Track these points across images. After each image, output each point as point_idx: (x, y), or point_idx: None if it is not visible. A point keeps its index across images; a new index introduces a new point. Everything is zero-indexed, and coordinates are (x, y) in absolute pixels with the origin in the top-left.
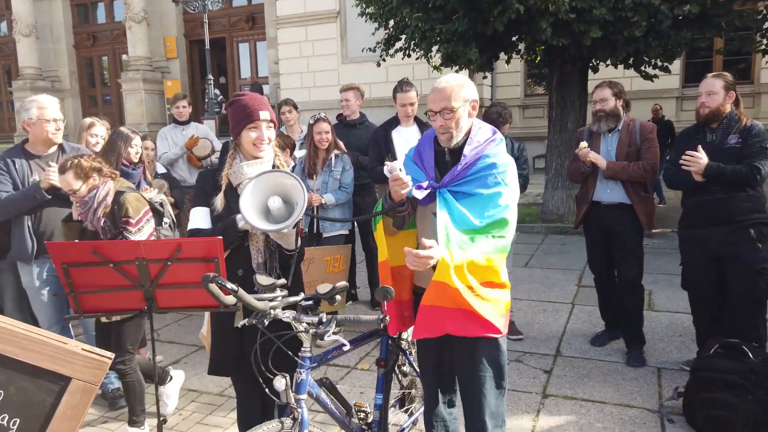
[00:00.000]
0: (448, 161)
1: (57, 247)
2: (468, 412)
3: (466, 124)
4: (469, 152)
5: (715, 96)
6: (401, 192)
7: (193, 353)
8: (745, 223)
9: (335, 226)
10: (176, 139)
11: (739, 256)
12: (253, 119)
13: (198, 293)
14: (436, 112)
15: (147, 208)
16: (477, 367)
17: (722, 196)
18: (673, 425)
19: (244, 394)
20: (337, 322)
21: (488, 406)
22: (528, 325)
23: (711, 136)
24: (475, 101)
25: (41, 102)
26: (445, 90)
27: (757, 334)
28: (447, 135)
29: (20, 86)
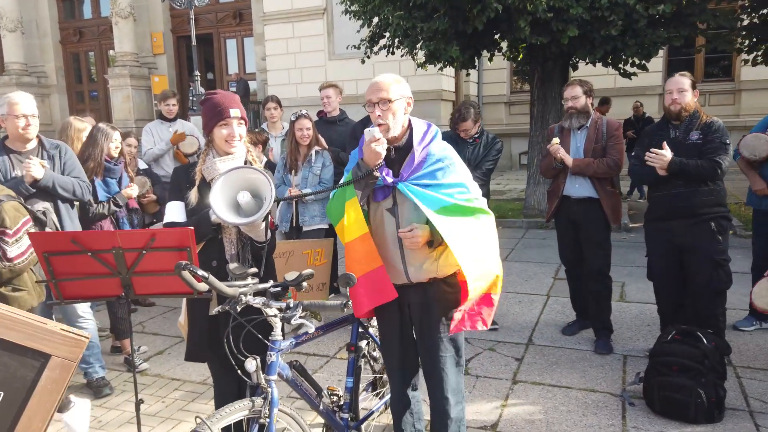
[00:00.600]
0: (393, 158)
1: (38, 237)
2: (432, 391)
3: (401, 119)
4: (419, 148)
5: (685, 93)
6: (378, 150)
7: (176, 344)
8: (706, 216)
9: (315, 219)
10: (162, 135)
11: (700, 247)
12: (223, 116)
13: (173, 280)
14: (374, 103)
15: (26, 218)
16: (438, 348)
17: (684, 190)
18: (633, 408)
19: (221, 379)
20: (304, 307)
21: (449, 383)
22: (503, 315)
23: (674, 133)
24: (410, 98)
25: (12, 98)
26: (383, 83)
27: (716, 323)
28: (384, 126)
29: (6, 82)
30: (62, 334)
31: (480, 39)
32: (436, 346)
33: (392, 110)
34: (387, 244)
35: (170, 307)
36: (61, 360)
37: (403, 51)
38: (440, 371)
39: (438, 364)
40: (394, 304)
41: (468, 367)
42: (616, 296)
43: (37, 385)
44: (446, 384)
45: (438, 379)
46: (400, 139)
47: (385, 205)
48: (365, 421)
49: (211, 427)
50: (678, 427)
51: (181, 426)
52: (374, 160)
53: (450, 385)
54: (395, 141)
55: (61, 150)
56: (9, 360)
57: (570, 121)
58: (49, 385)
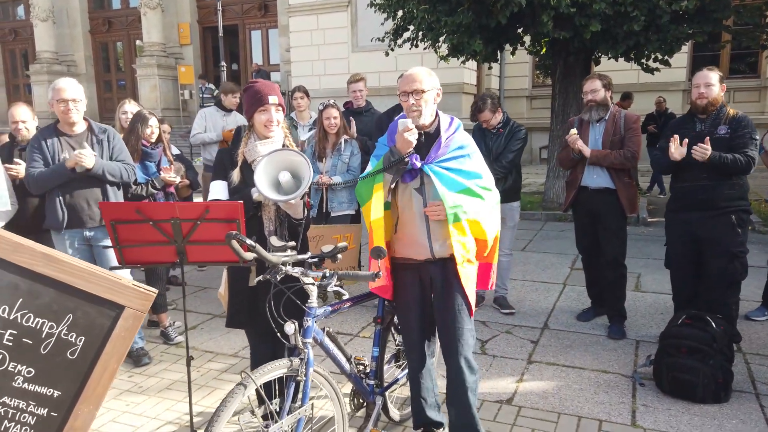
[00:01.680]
0: (422, 143)
1: (107, 207)
2: (449, 361)
3: (432, 108)
4: (445, 135)
5: (712, 87)
6: (410, 139)
7: (207, 321)
8: (728, 209)
9: (342, 206)
10: (216, 123)
11: (719, 239)
12: (263, 103)
13: (221, 249)
14: (408, 93)
15: None
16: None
17: (708, 183)
18: (643, 388)
19: (257, 345)
20: (339, 276)
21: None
22: (520, 301)
23: (700, 126)
24: (439, 90)
25: (57, 84)
26: (417, 75)
27: (728, 312)
28: (417, 113)
29: (37, 70)
30: (134, 288)
31: (503, 33)
32: (454, 318)
33: (425, 99)
34: (414, 220)
35: (200, 287)
36: (134, 311)
37: (426, 44)
38: (457, 342)
39: (456, 336)
40: (415, 279)
41: (485, 348)
42: (632, 286)
43: (112, 333)
44: (463, 355)
45: (456, 351)
46: (429, 126)
47: (413, 185)
48: (389, 389)
49: (255, 381)
50: (685, 406)
51: (215, 393)
52: (406, 147)
53: (467, 355)
54: (425, 128)
55: (109, 134)
56: (89, 309)
57: (590, 114)
58: (122, 332)
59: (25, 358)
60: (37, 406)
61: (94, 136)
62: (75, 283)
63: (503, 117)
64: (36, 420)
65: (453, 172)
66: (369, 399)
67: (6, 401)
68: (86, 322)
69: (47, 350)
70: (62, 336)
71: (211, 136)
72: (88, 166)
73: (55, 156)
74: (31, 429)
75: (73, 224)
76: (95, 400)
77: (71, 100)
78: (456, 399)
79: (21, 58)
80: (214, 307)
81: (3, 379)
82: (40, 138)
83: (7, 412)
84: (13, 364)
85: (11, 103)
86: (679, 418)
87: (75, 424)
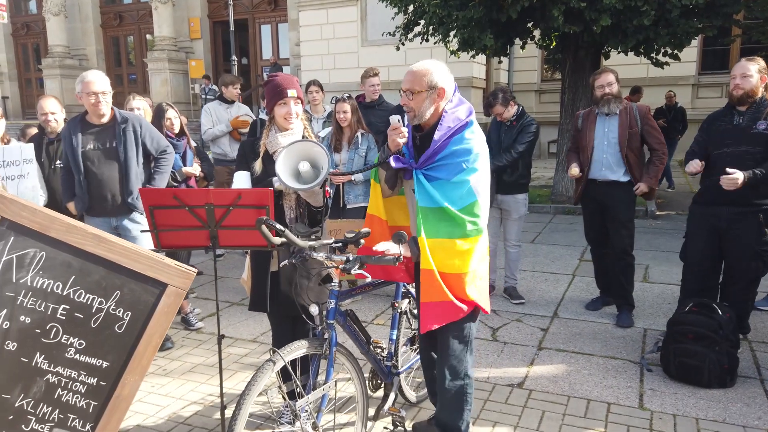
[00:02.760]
0: (418, 145)
1: (147, 193)
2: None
3: (428, 108)
4: (439, 138)
5: (749, 78)
6: (398, 141)
7: (226, 308)
8: (755, 207)
9: (359, 198)
10: (221, 116)
11: (743, 236)
12: (282, 96)
13: (251, 234)
14: (404, 90)
15: None
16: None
17: None
18: (650, 373)
19: (278, 328)
20: (361, 261)
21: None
22: (530, 291)
23: (738, 119)
24: (441, 89)
25: (86, 77)
26: (412, 74)
27: (745, 307)
28: (411, 113)
29: (49, 64)
30: (176, 267)
31: (513, 27)
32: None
33: (418, 99)
34: (412, 219)
35: (219, 276)
36: (176, 289)
37: (436, 38)
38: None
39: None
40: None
41: (496, 335)
42: (640, 277)
43: (156, 308)
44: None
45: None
46: (425, 128)
47: (409, 185)
48: (405, 371)
49: (284, 358)
50: (692, 390)
51: (236, 375)
52: (395, 147)
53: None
54: (423, 128)
55: (134, 123)
56: (135, 286)
57: (608, 107)
58: (165, 308)
59: (77, 331)
60: (87, 375)
61: (119, 127)
62: (122, 262)
63: (517, 110)
64: (87, 389)
65: (438, 183)
66: (387, 380)
67: (60, 371)
68: (132, 299)
69: (97, 324)
70: (110, 311)
71: (220, 128)
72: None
73: (77, 146)
74: (83, 397)
75: (93, 212)
76: (140, 371)
77: (100, 93)
78: (440, 398)
79: (33, 52)
80: (231, 295)
81: (57, 350)
82: (68, 129)
83: (61, 381)
84: (66, 336)
85: (39, 96)
86: (686, 401)
87: (123, 393)
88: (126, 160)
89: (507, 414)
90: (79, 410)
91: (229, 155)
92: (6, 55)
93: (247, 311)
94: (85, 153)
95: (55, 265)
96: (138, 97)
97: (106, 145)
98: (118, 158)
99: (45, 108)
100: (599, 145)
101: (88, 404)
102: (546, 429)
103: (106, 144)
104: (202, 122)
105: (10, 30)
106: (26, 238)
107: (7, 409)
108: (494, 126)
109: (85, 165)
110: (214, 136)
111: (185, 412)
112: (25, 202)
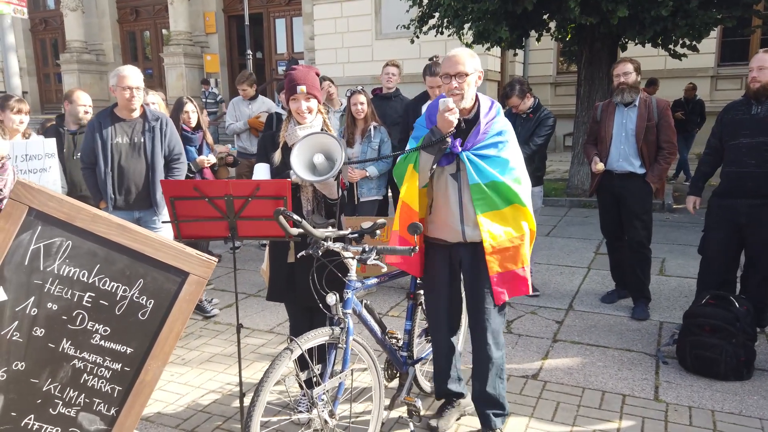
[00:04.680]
0: (462, 129)
1: (168, 184)
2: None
3: (473, 91)
4: (484, 121)
5: (766, 71)
6: (451, 119)
7: (242, 299)
8: None
9: (372, 192)
10: (242, 112)
11: (762, 228)
12: (293, 93)
13: (269, 225)
14: (451, 75)
15: None
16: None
17: (755, 170)
18: (666, 366)
19: (295, 318)
20: (377, 251)
21: (493, 331)
22: (545, 284)
23: (756, 109)
24: (481, 72)
25: (121, 71)
26: (460, 57)
27: (763, 300)
28: (458, 96)
29: (67, 59)
30: (198, 257)
31: (529, 19)
32: (482, 298)
33: (467, 82)
34: (449, 204)
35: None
36: (197, 277)
37: (451, 31)
38: (485, 320)
39: (483, 314)
40: (445, 259)
41: (511, 327)
42: (656, 270)
43: (178, 296)
44: (490, 332)
45: (482, 328)
46: (469, 111)
47: (449, 170)
48: (420, 361)
49: (301, 346)
50: (708, 383)
51: (253, 365)
52: (447, 127)
53: (493, 332)
54: (465, 113)
55: (162, 122)
56: (158, 275)
57: (621, 96)
58: (187, 296)
59: (102, 318)
60: (112, 361)
61: (147, 123)
62: (146, 251)
63: (534, 102)
64: (111, 374)
65: (488, 160)
66: (402, 370)
67: (86, 356)
68: (155, 287)
69: (121, 311)
70: (134, 299)
71: (239, 125)
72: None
73: (107, 139)
74: (108, 382)
75: (120, 204)
76: (163, 357)
77: (135, 88)
78: (481, 373)
79: (51, 47)
80: (248, 287)
81: (83, 336)
82: (97, 121)
83: (86, 366)
84: (91, 323)
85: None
86: (701, 393)
87: (146, 378)
88: (153, 155)
89: (522, 405)
90: (104, 395)
91: (248, 150)
92: (25, 50)
93: (263, 302)
94: (114, 145)
95: (81, 254)
96: (152, 91)
97: (134, 139)
98: (145, 153)
99: (83, 100)
100: (617, 135)
101: (113, 389)
102: (561, 420)
103: (134, 138)
104: (226, 117)
105: (28, 26)
106: (53, 228)
107: (35, 393)
108: (508, 119)
109: (112, 157)
110: (233, 132)
111: (204, 400)
112: (53, 193)
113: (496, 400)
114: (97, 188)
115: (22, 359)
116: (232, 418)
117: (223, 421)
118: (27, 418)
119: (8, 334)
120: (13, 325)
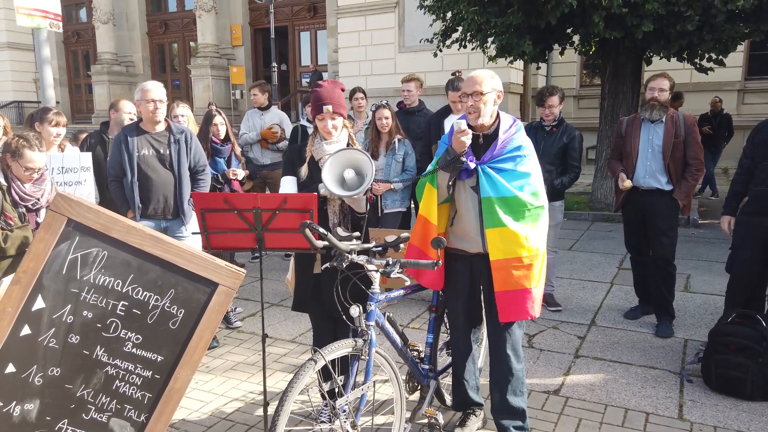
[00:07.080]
0: (481, 144)
1: (199, 197)
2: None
3: (491, 109)
4: (503, 137)
5: None
6: (464, 140)
7: (265, 309)
8: None
9: (395, 203)
10: (255, 122)
11: None
12: (319, 112)
13: (295, 237)
14: (468, 94)
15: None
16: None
17: None
18: (691, 384)
19: (320, 328)
20: (401, 265)
21: (513, 343)
22: (567, 299)
23: None
24: (500, 92)
25: (145, 86)
26: (477, 78)
27: None
28: (476, 114)
29: (98, 71)
30: (227, 268)
31: (552, 33)
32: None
33: (484, 101)
34: (470, 216)
35: (256, 277)
36: (226, 288)
37: (474, 45)
38: (504, 332)
39: (503, 326)
40: (466, 270)
41: (532, 342)
42: (681, 287)
43: (207, 306)
44: (509, 343)
45: (502, 339)
46: (488, 127)
47: (469, 183)
48: (441, 374)
49: (324, 357)
50: (733, 402)
51: (276, 374)
52: (460, 148)
53: (513, 345)
54: (484, 129)
55: (187, 135)
56: (188, 285)
57: (650, 113)
58: (216, 306)
59: (135, 326)
60: (143, 368)
61: (172, 136)
62: (177, 262)
63: (559, 115)
64: (142, 381)
65: (505, 174)
66: (423, 382)
67: (118, 363)
68: (185, 297)
69: (153, 320)
70: (165, 308)
71: (251, 136)
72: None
73: (133, 151)
74: (138, 389)
75: (147, 214)
76: (192, 365)
77: (158, 101)
78: (501, 385)
79: (83, 59)
80: (270, 297)
81: (116, 343)
82: (123, 135)
83: (118, 373)
84: (124, 331)
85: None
86: (727, 413)
87: (175, 386)
88: (180, 167)
89: (543, 420)
90: (135, 401)
91: (259, 160)
92: (57, 61)
93: (286, 312)
94: (140, 157)
95: (115, 264)
96: (181, 104)
97: (160, 151)
98: (171, 164)
99: (128, 108)
100: (644, 151)
101: (144, 396)
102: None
103: (160, 150)
104: (241, 127)
105: (61, 38)
106: (90, 238)
107: (69, 398)
108: (530, 132)
109: (139, 168)
110: (245, 142)
111: (227, 408)
112: (91, 205)
113: (516, 412)
114: (125, 199)
115: (58, 365)
116: (255, 426)
117: (246, 429)
118: (61, 423)
119: (45, 341)
120: (50, 331)
